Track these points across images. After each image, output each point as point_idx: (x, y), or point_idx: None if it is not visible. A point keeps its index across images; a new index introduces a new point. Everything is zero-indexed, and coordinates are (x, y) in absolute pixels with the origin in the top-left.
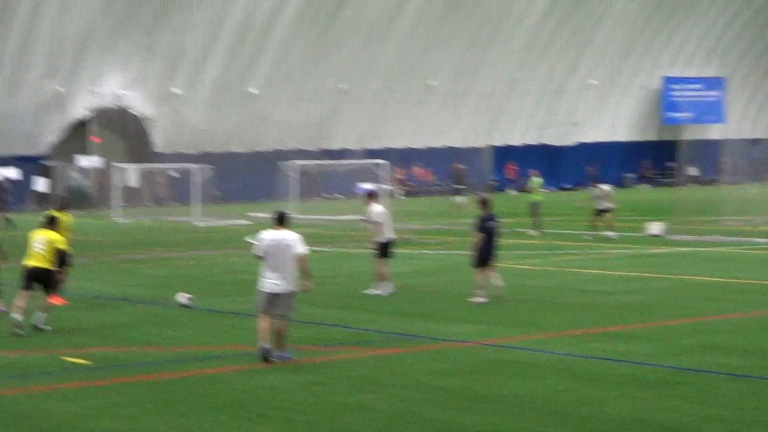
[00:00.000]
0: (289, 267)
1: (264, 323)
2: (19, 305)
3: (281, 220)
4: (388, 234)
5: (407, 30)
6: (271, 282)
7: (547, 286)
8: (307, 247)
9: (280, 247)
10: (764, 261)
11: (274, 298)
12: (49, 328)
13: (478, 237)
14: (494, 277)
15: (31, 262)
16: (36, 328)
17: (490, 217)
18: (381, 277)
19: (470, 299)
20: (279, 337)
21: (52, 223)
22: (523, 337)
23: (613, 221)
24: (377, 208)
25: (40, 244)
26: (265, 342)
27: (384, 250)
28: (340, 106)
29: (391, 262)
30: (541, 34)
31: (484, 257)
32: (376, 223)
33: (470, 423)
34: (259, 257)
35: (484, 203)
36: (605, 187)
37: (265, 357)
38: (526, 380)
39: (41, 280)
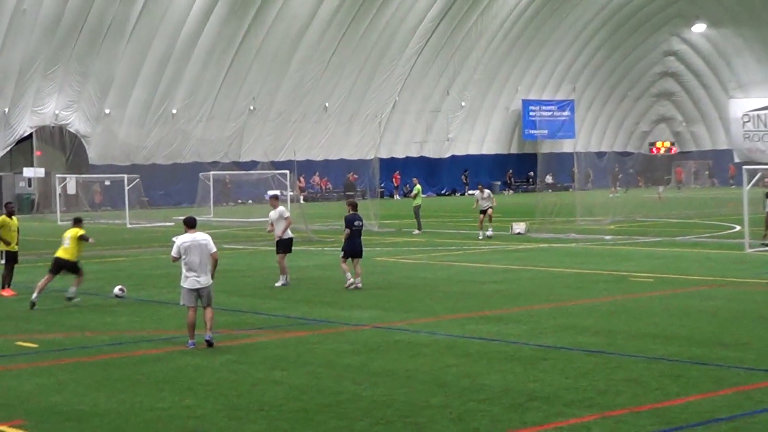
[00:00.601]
0: (206, 263)
1: (192, 316)
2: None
3: (192, 224)
4: (288, 232)
5: (306, 58)
6: (193, 279)
7: (430, 277)
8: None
9: (197, 247)
10: (611, 254)
11: (197, 293)
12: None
13: (345, 233)
14: (358, 267)
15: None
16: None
17: (355, 218)
18: (283, 270)
19: (345, 285)
20: (209, 321)
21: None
22: (411, 321)
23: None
24: (279, 210)
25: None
26: (193, 339)
27: (285, 246)
28: (249, 123)
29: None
30: (419, 62)
31: (350, 250)
32: (278, 222)
33: (369, 395)
34: (175, 258)
35: (352, 206)
36: (487, 191)
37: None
38: (415, 358)
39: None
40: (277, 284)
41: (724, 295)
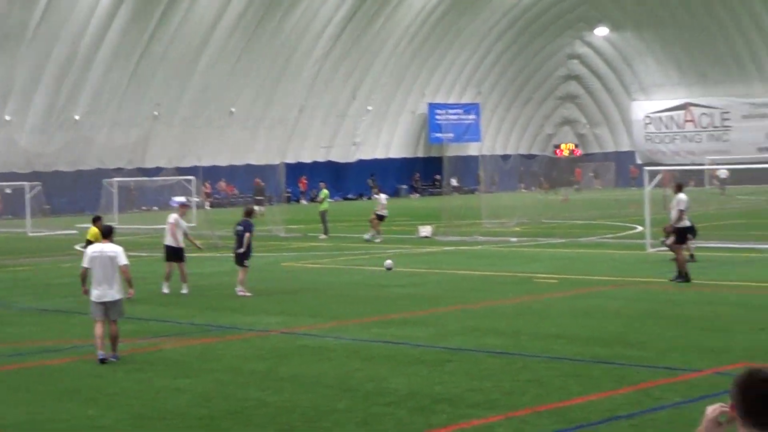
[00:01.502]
0: (115, 276)
1: (99, 329)
2: None
3: (106, 234)
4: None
5: (211, 63)
6: (99, 291)
7: (336, 282)
8: (127, 260)
9: (105, 259)
10: (516, 256)
11: (103, 306)
12: None
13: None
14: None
15: None
16: None
17: (239, 224)
18: (184, 278)
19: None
20: (113, 340)
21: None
22: (317, 326)
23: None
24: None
25: None
26: (101, 350)
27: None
28: (153, 129)
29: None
30: (325, 67)
31: (239, 257)
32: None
33: (274, 400)
34: (86, 268)
35: (247, 213)
36: (383, 196)
37: (102, 361)
38: (320, 362)
39: None
40: (183, 291)
41: (626, 295)
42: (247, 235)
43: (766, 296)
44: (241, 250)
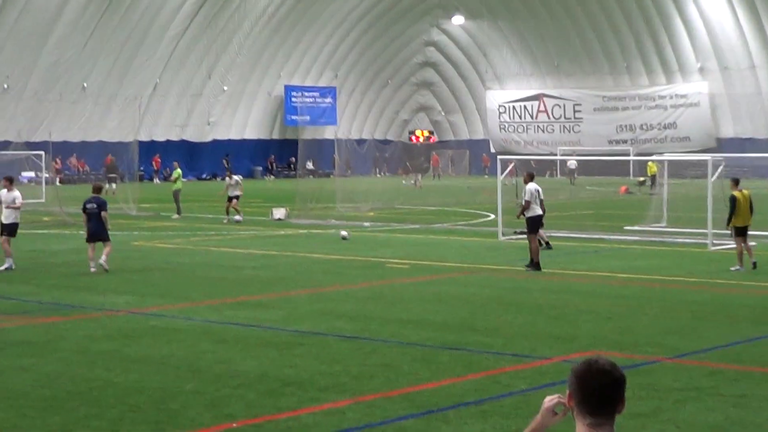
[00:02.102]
0: None
1: None
2: None
3: None
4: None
5: (63, 36)
6: None
7: (188, 262)
8: None
9: None
10: (369, 241)
11: None
12: None
13: (83, 217)
14: (104, 249)
15: None
16: None
17: (90, 200)
18: (8, 253)
19: (101, 262)
20: None
21: None
22: (167, 306)
23: (240, 206)
24: (17, 192)
25: None
26: None
27: (9, 230)
28: (2, 102)
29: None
30: (180, 45)
31: (88, 233)
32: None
33: (122, 381)
34: None
35: (93, 189)
36: (235, 177)
37: None
38: (170, 344)
39: None
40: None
41: (477, 282)
42: (103, 213)
43: (612, 286)
44: (106, 232)
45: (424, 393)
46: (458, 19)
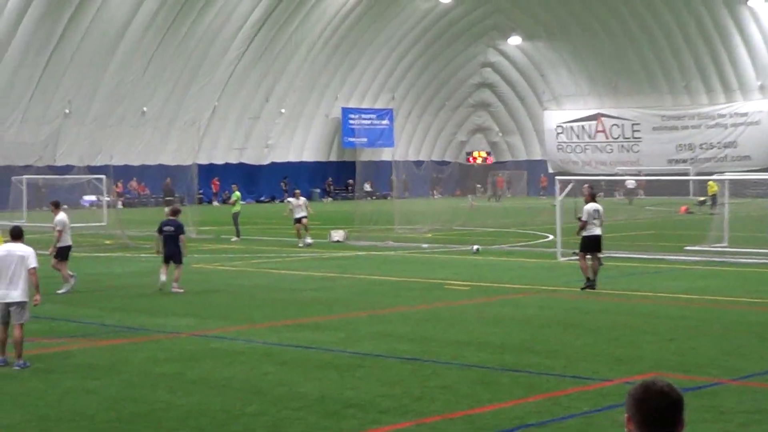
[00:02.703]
0: (22, 278)
1: (1, 332)
2: None
3: (16, 235)
4: (68, 239)
5: (124, 61)
6: (2, 291)
7: (248, 285)
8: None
9: (13, 259)
10: (427, 262)
11: (7, 308)
12: None
13: (156, 238)
14: (175, 272)
15: None
16: None
17: (167, 223)
18: (66, 278)
19: (172, 289)
20: (18, 345)
21: None
22: (227, 329)
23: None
24: (59, 217)
25: None
26: (2, 355)
27: (64, 253)
28: (64, 127)
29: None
30: (239, 68)
31: (165, 254)
32: (58, 231)
33: (184, 403)
34: None
35: (173, 212)
36: (303, 199)
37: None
38: (231, 366)
39: None
40: (62, 291)
41: (536, 303)
42: (182, 236)
43: (674, 307)
44: (184, 256)
45: (486, 415)
46: (515, 40)
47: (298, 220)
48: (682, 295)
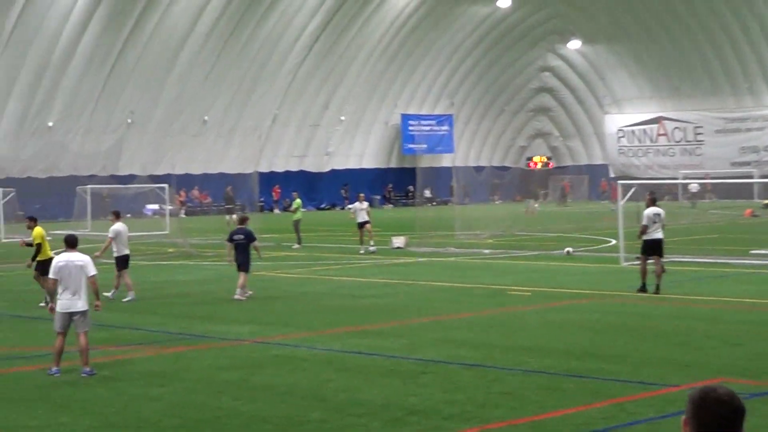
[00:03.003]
0: (83, 287)
1: (60, 343)
2: None
3: (71, 243)
4: (124, 249)
5: (184, 71)
6: (65, 302)
7: (310, 292)
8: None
9: (73, 268)
10: (489, 268)
11: (70, 317)
12: None
13: (228, 247)
14: (239, 284)
15: None
16: None
17: (237, 231)
18: (116, 285)
19: (233, 296)
20: (84, 352)
21: None
22: (290, 335)
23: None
24: (114, 226)
25: None
26: (57, 365)
27: (123, 262)
28: (127, 136)
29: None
30: (298, 76)
31: (238, 263)
32: (109, 238)
33: (247, 410)
34: (55, 280)
35: (241, 221)
36: (366, 203)
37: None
38: (294, 373)
39: None
40: (125, 299)
41: (599, 309)
42: (254, 243)
43: (739, 311)
44: (260, 259)
45: (550, 421)
46: (575, 44)
47: (362, 225)
48: (748, 299)
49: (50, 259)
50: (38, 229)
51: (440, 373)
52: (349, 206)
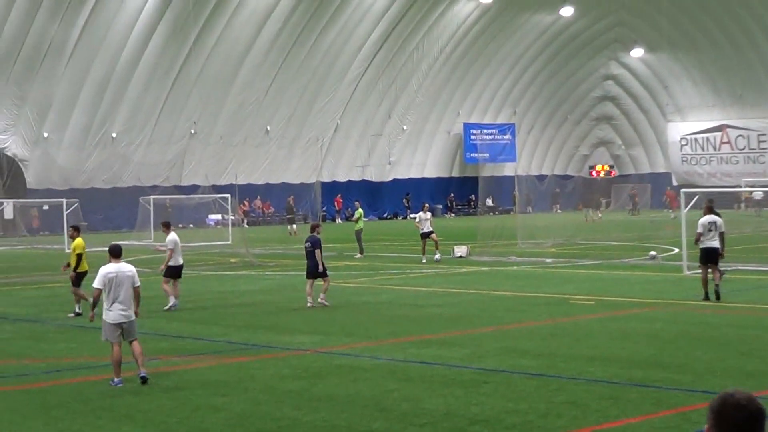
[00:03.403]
0: (130, 296)
1: (118, 353)
2: None
3: (117, 254)
4: (179, 258)
5: (247, 82)
6: (117, 312)
7: (372, 301)
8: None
9: (123, 279)
10: (552, 277)
11: (121, 327)
12: None
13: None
14: (322, 289)
15: None
16: None
17: (307, 239)
18: (176, 294)
19: (318, 301)
20: (140, 357)
21: None
22: (352, 345)
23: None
24: (171, 237)
25: None
26: (118, 376)
27: (177, 272)
28: (190, 147)
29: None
30: (361, 86)
31: (307, 270)
32: (169, 249)
33: (310, 420)
34: (100, 290)
35: (312, 228)
36: (429, 213)
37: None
38: (356, 382)
39: None
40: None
41: (662, 318)
42: (317, 251)
43: None
44: (320, 269)
45: (613, 431)
46: (637, 52)
47: (426, 235)
48: None
49: (85, 272)
50: (79, 240)
51: (503, 383)
52: (413, 215)
